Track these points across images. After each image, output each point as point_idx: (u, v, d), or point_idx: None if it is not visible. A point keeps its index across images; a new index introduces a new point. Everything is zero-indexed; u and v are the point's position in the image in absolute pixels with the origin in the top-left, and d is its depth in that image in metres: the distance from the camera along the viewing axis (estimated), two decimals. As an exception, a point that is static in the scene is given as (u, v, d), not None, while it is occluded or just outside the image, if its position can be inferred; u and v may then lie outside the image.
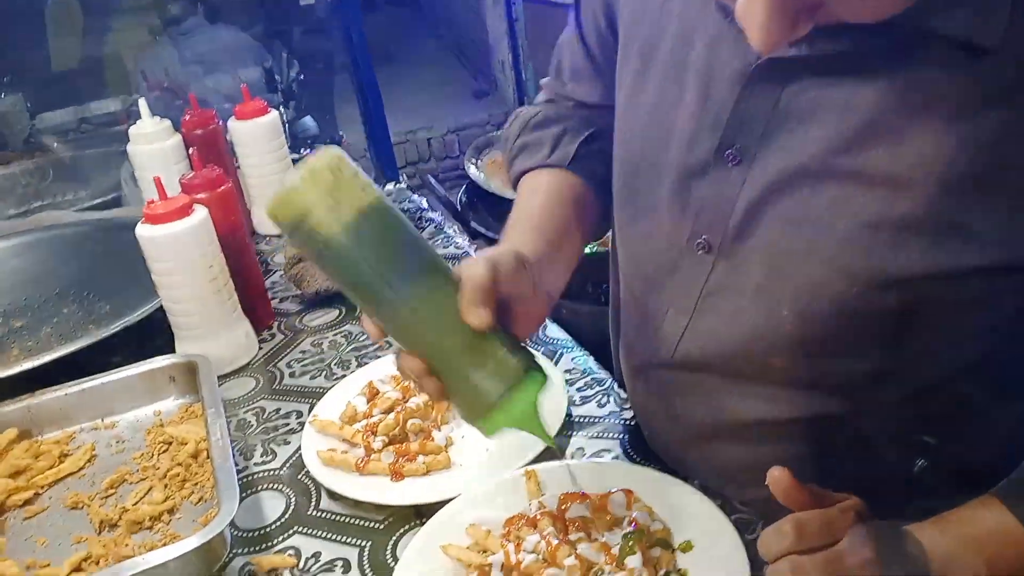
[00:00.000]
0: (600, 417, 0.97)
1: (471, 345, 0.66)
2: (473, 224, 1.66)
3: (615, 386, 1.01)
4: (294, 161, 2.38)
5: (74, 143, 2.49)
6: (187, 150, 1.49)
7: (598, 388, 1.02)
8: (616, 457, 0.91)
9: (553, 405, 0.96)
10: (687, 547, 0.75)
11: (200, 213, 1.14)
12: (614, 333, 0.99)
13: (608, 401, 0.99)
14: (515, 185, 0.96)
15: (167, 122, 1.49)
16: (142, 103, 1.46)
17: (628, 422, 0.95)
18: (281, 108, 2.71)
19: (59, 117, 2.74)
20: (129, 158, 1.49)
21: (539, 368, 0.69)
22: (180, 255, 1.12)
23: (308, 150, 2.62)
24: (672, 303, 0.79)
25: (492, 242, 1.64)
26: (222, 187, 1.21)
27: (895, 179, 0.63)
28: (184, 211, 1.12)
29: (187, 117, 1.51)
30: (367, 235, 0.64)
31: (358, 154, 2.22)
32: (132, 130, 1.47)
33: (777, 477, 0.63)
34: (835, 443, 0.74)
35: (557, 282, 0.83)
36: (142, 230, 1.12)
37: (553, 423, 0.93)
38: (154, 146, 1.45)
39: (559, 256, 0.84)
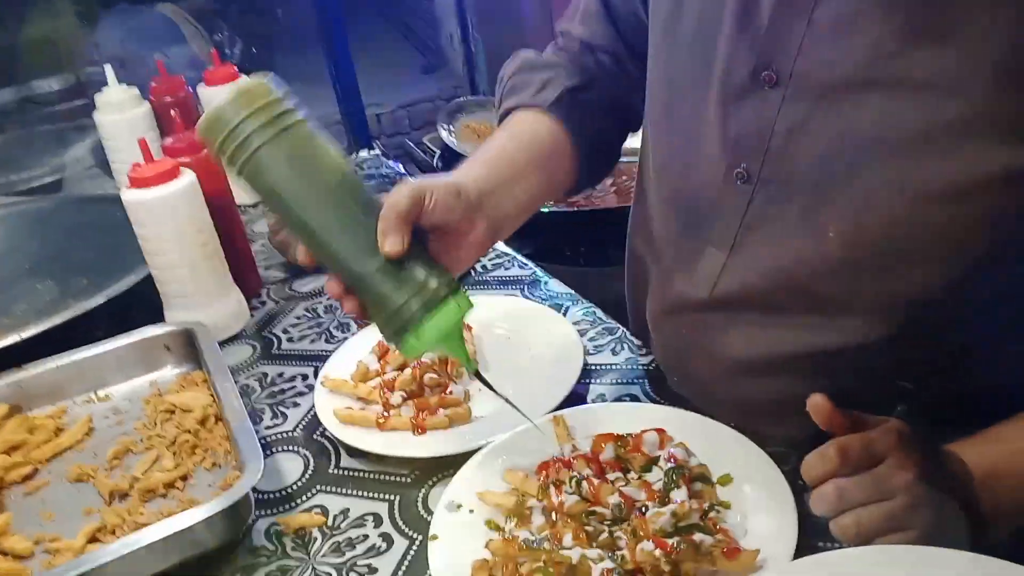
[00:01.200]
0: (616, 364, 0.97)
1: (388, 269, 0.69)
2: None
3: (627, 334, 1.01)
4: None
5: (17, 123, 2.39)
6: (155, 119, 1.44)
7: (610, 337, 1.02)
8: (638, 401, 0.91)
9: (568, 354, 0.96)
10: (726, 480, 0.76)
11: (187, 176, 1.10)
12: (631, 285, 0.99)
13: (622, 348, 0.99)
14: (500, 123, 0.95)
15: (135, 90, 1.43)
16: (108, 69, 1.40)
17: (646, 367, 0.95)
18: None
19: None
20: (98, 128, 1.43)
21: (462, 294, 0.71)
22: (170, 219, 1.08)
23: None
24: (711, 240, 0.78)
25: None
26: (205, 150, 1.17)
27: (944, 81, 0.61)
28: (171, 174, 1.08)
29: (155, 84, 1.46)
30: (288, 155, 0.68)
31: (323, 126, 2.17)
32: (99, 98, 1.41)
33: (818, 403, 0.64)
34: (875, 373, 0.74)
35: (505, 216, 0.82)
36: (128, 195, 1.07)
37: (571, 374, 0.93)
38: (123, 115, 1.40)
39: (507, 192, 0.82)
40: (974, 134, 0.62)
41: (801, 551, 0.66)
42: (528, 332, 1.02)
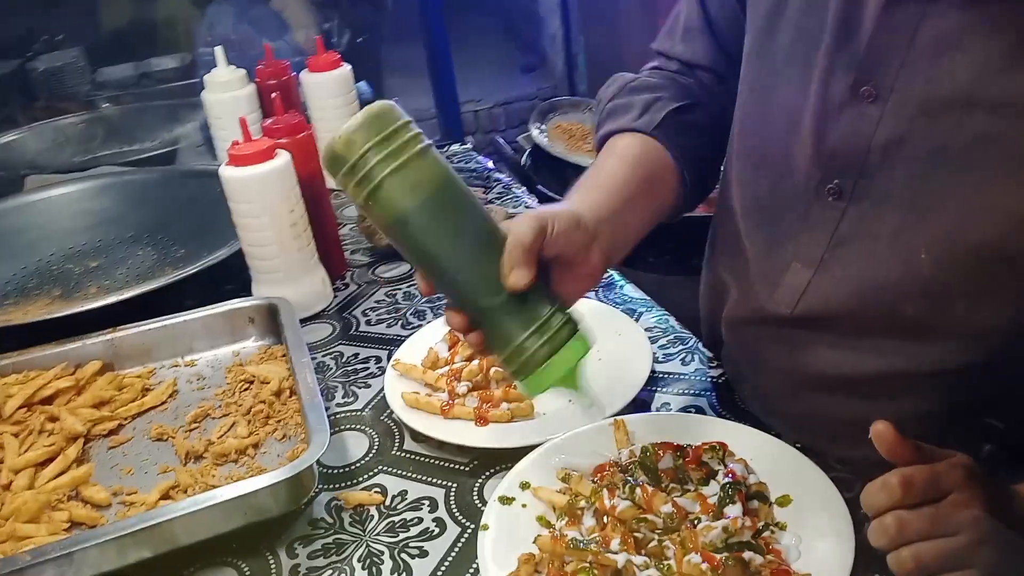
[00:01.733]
0: (685, 374, 0.96)
1: (512, 304, 0.67)
2: (539, 187, 1.65)
3: (699, 344, 1.00)
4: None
5: (134, 97, 2.51)
6: (260, 100, 1.49)
7: (681, 346, 1.01)
8: (703, 413, 0.90)
9: (636, 360, 0.95)
10: (785, 501, 0.74)
11: (283, 157, 1.14)
12: (707, 294, 0.98)
13: (692, 359, 0.98)
14: (599, 147, 0.94)
15: (242, 71, 1.49)
16: (218, 51, 1.46)
17: (715, 379, 0.94)
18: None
19: (120, 72, 2.77)
20: (204, 107, 1.50)
21: (583, 332, 0.70)
22: (263, 197, 1.12)
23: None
24: (797, 255, 0.77)
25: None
26: (303, 133, 1.21)
27: None
28: (268, 154, 1.12)
29: (261, 67, 1.51)
30: (415, 184, 0.65)
31: (418, 121, 2.21)
32: (207, 78, 1.48)
33: (881, 431, 0.61)
34: (960, 404, 0.72)
35: (617, 244, 0.81)
36: (226, 171, 1.12)
37: (637, 380, 0.92)
38: (229, 94, 1.46)
39: (622, 219, 0.81)
40: None
41: (855, 581, 0.65)
42: (600, 333, 1.02)
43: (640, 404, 0.91)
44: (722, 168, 0.92)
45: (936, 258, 0.67)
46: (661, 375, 0.96)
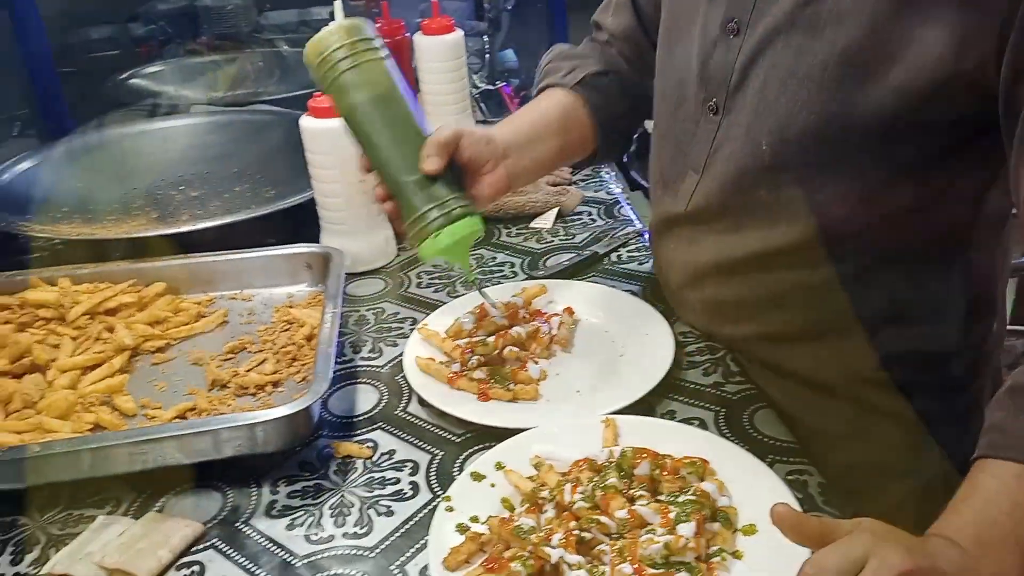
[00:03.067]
0: (701, 385, 0.93)
1: (423, 183, 0.86)
2: (633, 173, 1.62)
3: (728, 358, 0.97)
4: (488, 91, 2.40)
5: (293, 42, 2.64)
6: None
7: (709, 356, 0.97)
8: (704, 427, 0.86)
9: (655, 362, 0.93)
10: (750, 530, 0.71)
11: (360, 114, 1.17)
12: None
13: (716, 371, 0.95)
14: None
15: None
16: (337, 5, 1.51)
17: (731, 396, 0.90)
18: (485, 37, 2.74)
19: (283, 17, 2.92)
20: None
21: (476, 219, 0.87)
22: (337, 150, 1.16)
23: (505, 84, 2.64)
24: (688, 164, 0.94)
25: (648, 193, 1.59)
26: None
27: (838, 17, 0.77)
28: (346, 109, 1.16)
29: (377, 24, 1.56)
30: (366, 81, 0.86)
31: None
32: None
33: (781, 512, 0.61)
34: (814, 277, 0.87)
35: (523, 164, 0.99)
36: (305, 122, 1.17)
37: (647, 382, 0.90)
38: (342, 48, 1.51)
39: (531, 146, 1.00)
40: (858, 62, 0.76)
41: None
42: (626, 329, 1.00)
43: (646, 406, 0.88)
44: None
45: (773, 148, 0.83)
46: (678, 382, 0.93)
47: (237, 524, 0.80)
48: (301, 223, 1.29)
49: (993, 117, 0.74)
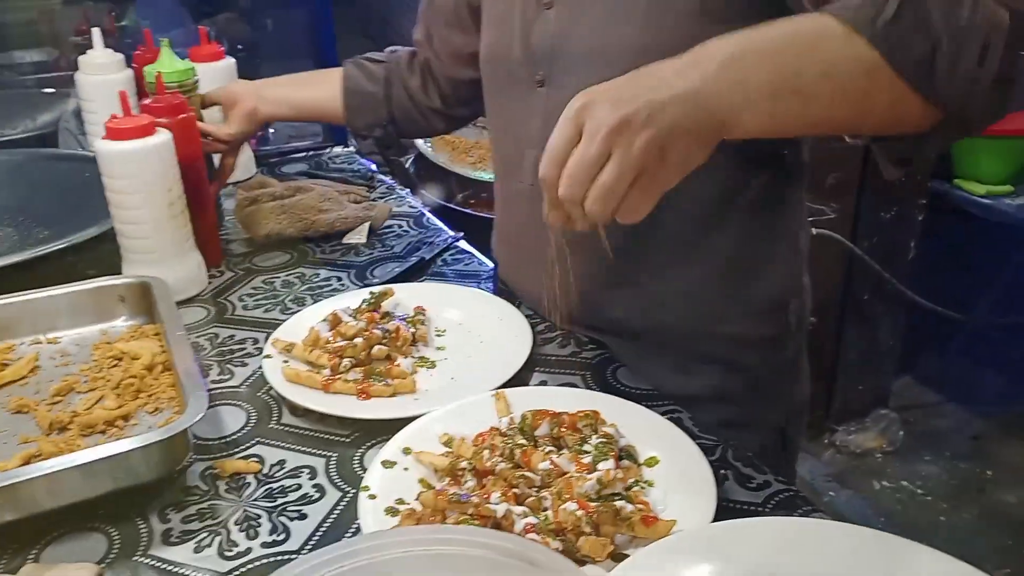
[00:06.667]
0: (562, 356, 1.00)
1: None
2: (423, 191, 1.68)
3: (576, 332, 1.05)
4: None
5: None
6: (137, 86, 1.45)
7: (558, 331, 1.05)
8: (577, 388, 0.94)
9: (517, 341, 0.99)
10: (652, 461, 0.79)
11: (163, 135, 1.12)
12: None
13: (569, 343, 1.02)
14: None
15: (120, 56, 1.45)
16: (95, 32, 1.42)
17: (590, 360, 0.99)
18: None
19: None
20: (77, 89, 1.45)
21: None
22: (140, 173, 1.09)
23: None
24: (528, 143, 0.99)
25: (442, 208, 1.66)
26: (183, 114, 1.19)
27: None
28: (147, 130, 1.10)
29: (140, 52, 1.48)
30: None
31: (304, 124, 2.23)
32: (82, 59, 1.43)
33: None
34: (650, 236, 0.93)
35: (269, 98, 1.33)
36: (102, 145, 1.09)
37: (517, 358, 0.96)
38: (105, 77, 1.41)
39: (272, 87, 1.35)
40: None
41: (716, 527, 0.70)
42: (482, 319, 1.05)
43: (519, 382, 0.94)
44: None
45: None
46: (540, 356, 1.00)
47: (136, 558, 0.73)
48: (87, 262, 1.19)
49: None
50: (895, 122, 0.74)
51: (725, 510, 0.72)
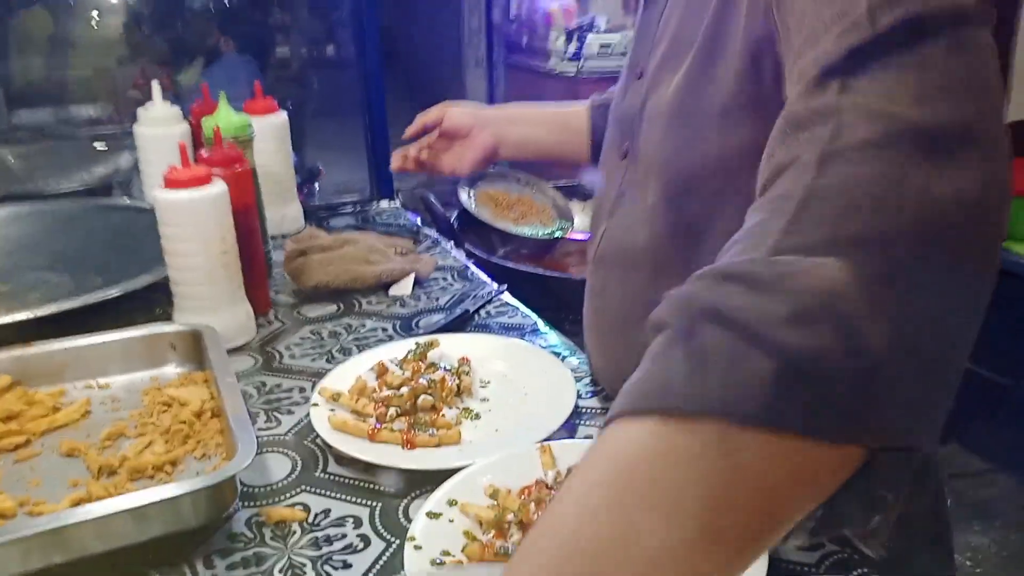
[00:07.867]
0: (607, 408, 0.99)
1: None
2: (467, 245, 1.70)
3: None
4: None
5: (51, 138, 2.49)
6: (193, 139, 1.50)
7: (602, 385, 1.04)
8: (624, 445, 0.93)
9: (561, 394, 0.98)
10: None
11: (219, 185, 1.14)
12: None
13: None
14: None
15: (177, 108, 1.50)
16: (155, 85, 1.47)
17: (636, 415, 0.97)
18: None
19: (37, 116, 2.76)
20: (136, 141, 1.49)
21: None
22: (196, 223, 1.12)
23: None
24: (602, 213, 0.97)
25: (485, 261, 1.68)
26: (240, 166, 1.23)
27: (711, 72, 0.79)
28: (204, 179, 1.13)
29: (197, 105, 1.53)
30: None
31: (351, 178, 2.27)
32: (141, 111, 1.48)
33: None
34: None
35: (511, 137, 1.23)
36: (160, 194, 1.12)
37: (562, 411, 0.95)
38: (163, 130, 1.46)
39: (515, 124, 1.24)
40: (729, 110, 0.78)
41: None
42: (526, 370, 1.05)
43: (564, 434, 0.93)
44: None
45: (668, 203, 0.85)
46: (585, 409, 0.99)
47: (183, 605, 0.73)
48: (138, 310, 1.22)
49: None
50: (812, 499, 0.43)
51: (778, 570, 0.71)
